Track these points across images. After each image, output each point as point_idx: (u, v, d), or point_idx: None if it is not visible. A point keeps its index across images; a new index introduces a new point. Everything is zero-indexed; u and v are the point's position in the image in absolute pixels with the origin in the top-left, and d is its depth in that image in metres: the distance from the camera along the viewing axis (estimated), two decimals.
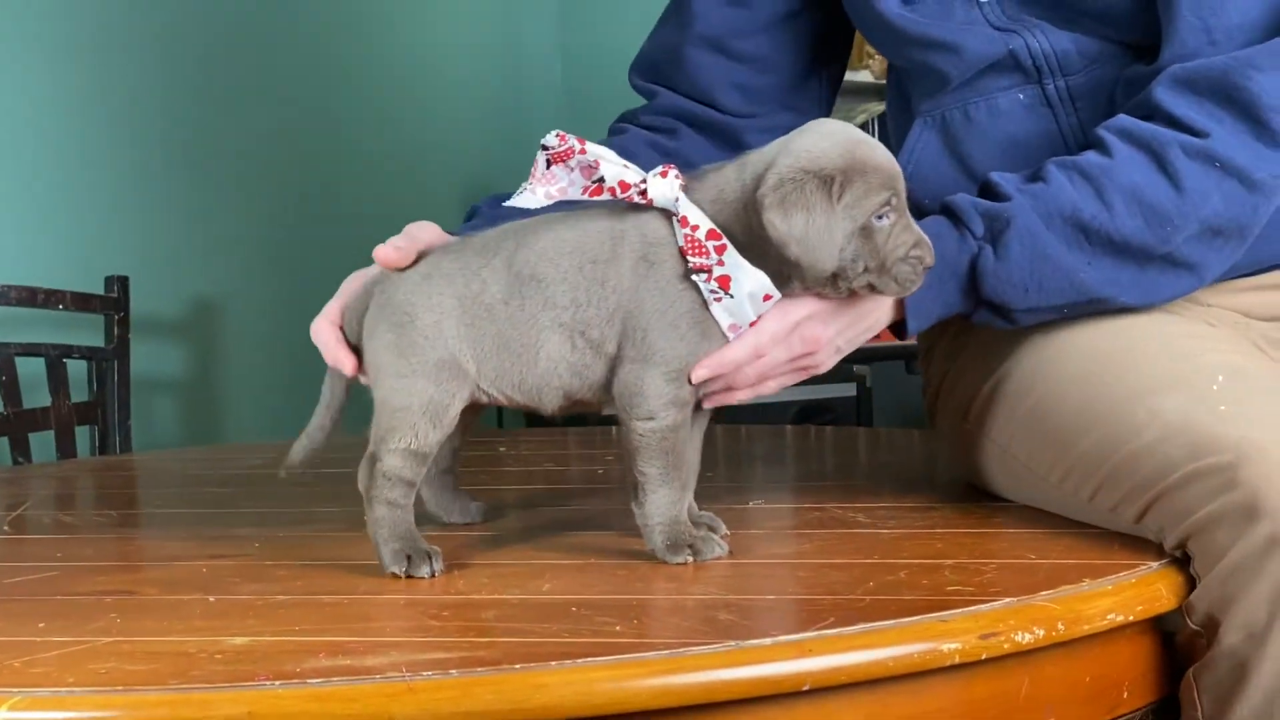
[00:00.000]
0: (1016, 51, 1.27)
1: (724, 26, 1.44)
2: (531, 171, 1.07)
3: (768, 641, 0.86)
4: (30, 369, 2.25)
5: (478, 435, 2.10)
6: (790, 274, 1.06)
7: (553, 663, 0.83)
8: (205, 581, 1.08)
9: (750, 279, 1.05)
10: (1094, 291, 1.17)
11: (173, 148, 2.67)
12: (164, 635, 0.93)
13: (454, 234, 1.19)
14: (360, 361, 1.14)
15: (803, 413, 2.89)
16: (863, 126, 2.93)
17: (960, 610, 0.91)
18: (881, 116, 2.94)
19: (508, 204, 1.09)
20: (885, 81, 1.54)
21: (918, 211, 1.13)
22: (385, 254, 1.12)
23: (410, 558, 1.07)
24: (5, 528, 1.39)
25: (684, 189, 1.07)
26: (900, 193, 1.06)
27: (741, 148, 1.21)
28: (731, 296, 1.05)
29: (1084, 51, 1.26)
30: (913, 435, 1.83)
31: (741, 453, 1.74)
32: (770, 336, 1.08)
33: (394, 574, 1.07)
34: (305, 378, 2.81)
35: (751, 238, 1.05)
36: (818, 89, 1.47)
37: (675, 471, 1.08)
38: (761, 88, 1.44)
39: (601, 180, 1.07)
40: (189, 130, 2.69)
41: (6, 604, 1.04)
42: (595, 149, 1.07)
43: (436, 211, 1.33)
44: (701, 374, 1.07)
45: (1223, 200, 1.15)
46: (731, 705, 0.84)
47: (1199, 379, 1.11)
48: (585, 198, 1.08)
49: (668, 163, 1.10)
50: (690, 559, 1.07)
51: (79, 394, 2.30)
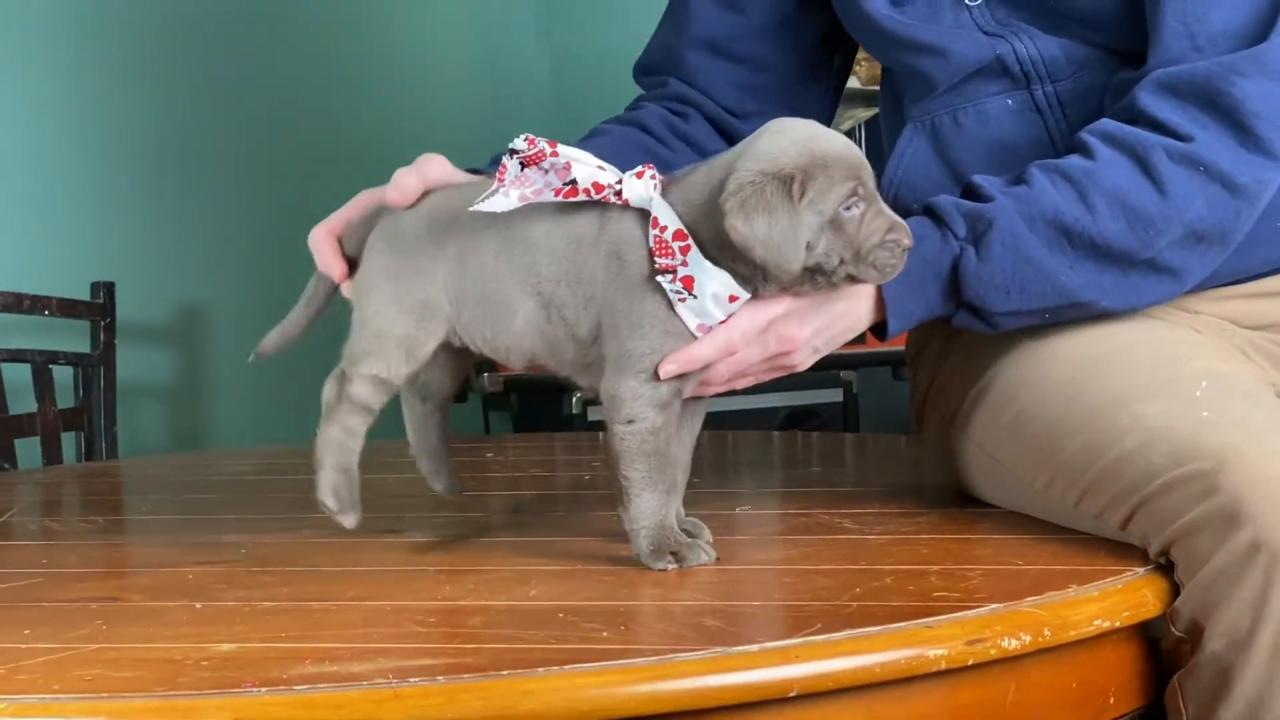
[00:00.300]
0: (1004, 57, 1.27)
1: (720, 30, 1.44)
2: (498, 174, 1.07)
3: (754, 648, 0.86)
4: (16, 375, 2.24)
5: (465, 441, 2.09)
6: (764, 275, 1.06)
7: (540, 669, 0.83)
8: (191, 588, 1.08)
9: (713, 280, 1.05)
10: (1076, 295, 1.16)
11: (159, 153, 2.66)
12: (150, 642, 0.93)
13: (472, 171, 1.21)
14: (350, 275, 1.18)
15: (789, 418, 2.89)
16: (848, 133, 2.93)
17: (946, 616, 0.91)
18: (868, 122, 2.94)
19: (472, 209, 1.09)
20: (871, 88, 1.54)
21: (905, 215, 1.13)
22: (393, 196, 1.15)
23: (342, 502, 1.14)
24: None
25: (663, 189, 1.08)
26: (866, 181, 1.05)
27: None
28: (695, 297, 1.05)
29: (1071, 57, 1.26)
30: (899, 441, 1.83)
31: (728, 459, 1.74)
32: (741, 334, 1.08)
33: (322, 504, 1.14)
34: (292, 384, 2.81)
35: (721, 240, 1.05)
36: (820, 87, 1.47)
37: (660, 475, 1.08)
38: (760, 87, 1.44)
39: (574, 182, 1.07)
40: (175, 136, 2.68)
41: None
42: (567, 151, 1.07)
43: None
44: (670, 369, 1.06)
45: (1206, 205, 1.15)
46: (718, 711, 0.84)
47: (1182, 385, 1.11)
48: (559, 199, 1.08)
49: (662, 156, 1.10)
50: (673, 565, 1.07)
51: (65, 400, 2.29)
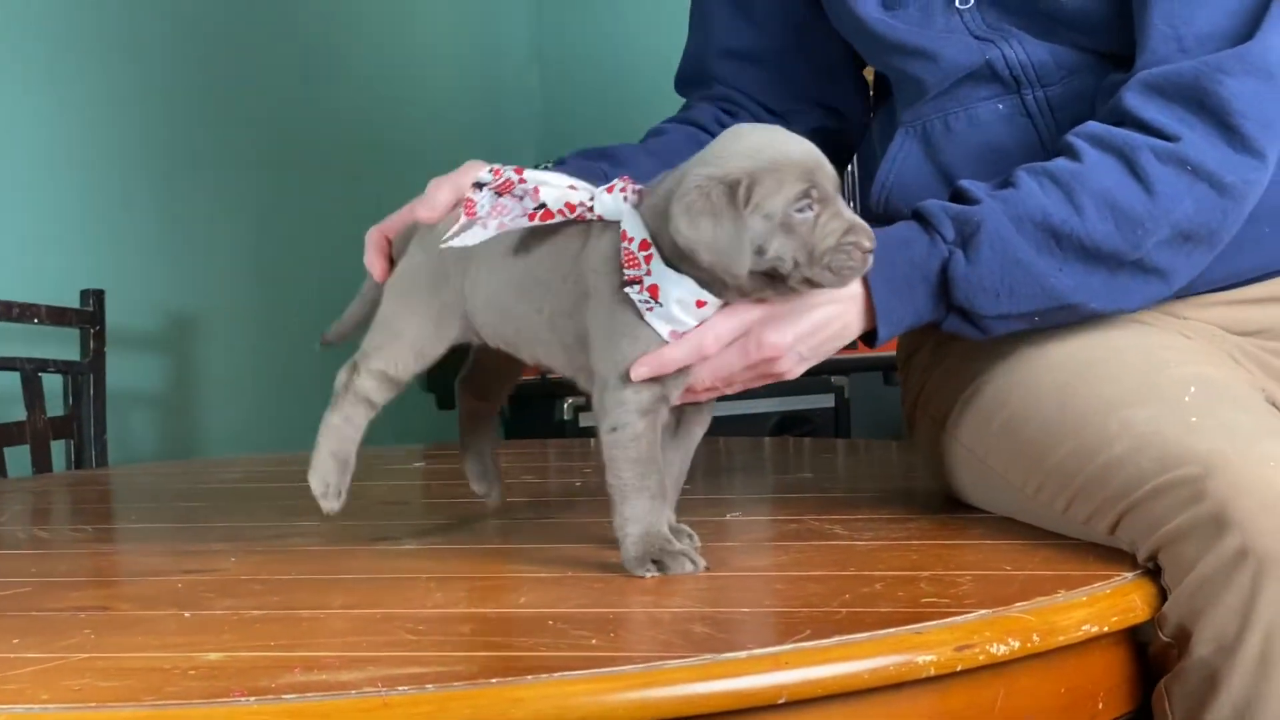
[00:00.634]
0: (993, 62, 1.27)
1: (739, 39, 1.45)
2: (465, 207, 1.10)
3: (744, 655, 0.86)
4: (5, 383, 2.24)
5: (456, 448, 2.09)
6: (723, 281, 1.06)
7: (529, 677, 0.83)
8: (180, 597, 1.08)
9: (676, 286, 1.05)
10: (1065, 297, 1.16)
11: (148, 161, 2.66)
12: (138, 651, 0.93)
13: (558, 164, 1.25)
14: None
15: (781, 424, 2.89)
16: None
17: (936, 622, 0.91)
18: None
19: (443, 245, 1.12)
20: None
21: (896, 220, 1.13)
22: (422, 214, 1.19)
23: (329, 487, 1.18)
24: None
25: (639, 199, 1.08)
26: (821, 183, 1.05)
27: None
28: (661, 305, 1.06)
29: (1061, 62, 1.26)
30: (890, 447, 1.83)
31: (720, 464, 1.74)
32: (714, 337, 1.08)
33: (312, 488, 1.18)
34: (283, 391, 2.81)
35: (680, 247, 1.05)
36: (848, 81, 1.46)
37: (647, 481, 1.07)
38: (789, 88, 1.45)
39: (544, 205, 1.08)
40: (164, 143, 2.68)
41: None
42: (534, 175, 1.09)
43: None
44: (640, 371, 1.06)
45: (1194, 204, 1.15)
46: (708, 718, 0.84)
47: (1171, 391, 1.11)
48: (533, 223, 1.10)
49: (624, 174, 1.11)
50: (654, 573, 1.07)
51: (54, 408, 2.29)
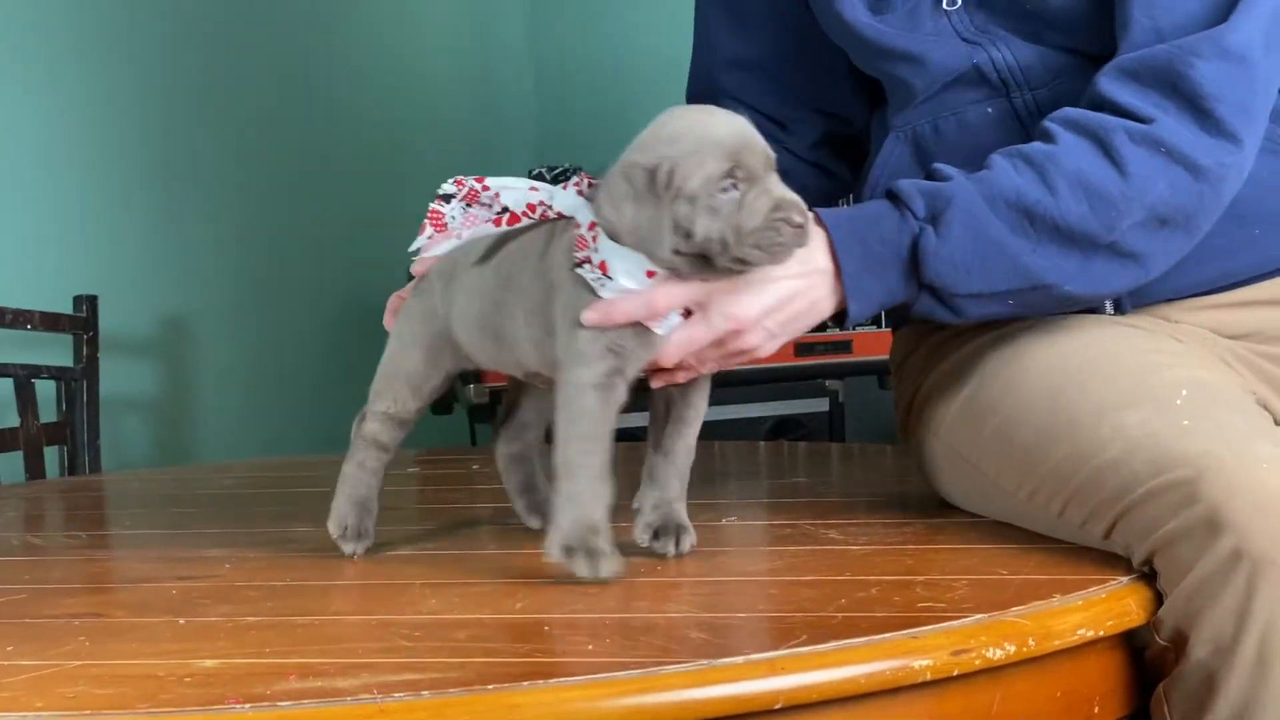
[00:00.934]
0: (981, 65, 1.28)
1: (739, 51, 1.48)
2: (430, 219, 1.14)
3: (740, 660, 0.86)
4: None
5: (451, 453, 2.09)
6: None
7: (525, 683, 0.83)
8: (175, 603, 1.08)
9: (622, 259, 1.07)
10: (1039, 278, 1.15)
11: (140, 166, 2.66)
12: (133, 658, 0.93)
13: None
14: None
15: (775, 428, 2.89)
16: None
17: (932, 627, 0.91)
18: None
19: (414, 251, 1.16)
20: None
21: None
22: (416, 271, 1.22)
23: (346, 530, 1.20)
24: None
25: (592, 192, 1.10)
26: (747, 162, 1.04)
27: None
28: (611, 279, 1.07)
29: (1049, 65, 1.26)
30: (885, 451, 1.84)
31: (715, 468, 1.74)
32: (666, 294, 1.08)
33: (330, 532, 1.20)
34: (276, 397, 2.81)
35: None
36: (848, 84, 1.46)
37: (591, 459, 1.06)
38: (792, 95, 1.47)
39: (508, 209, 1.12)
40: (156, 149, 2.68)
41: None
42: (496, 182, 1.14)
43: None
44: (591, 317, 1.07)
45: (1169, 186, 1.15)
46: None
47: (1163, 394, 1.11)
48: (499, 228, 1.14)
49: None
50: (558, 560, 1.05)
51: (47, 414, 2.29)
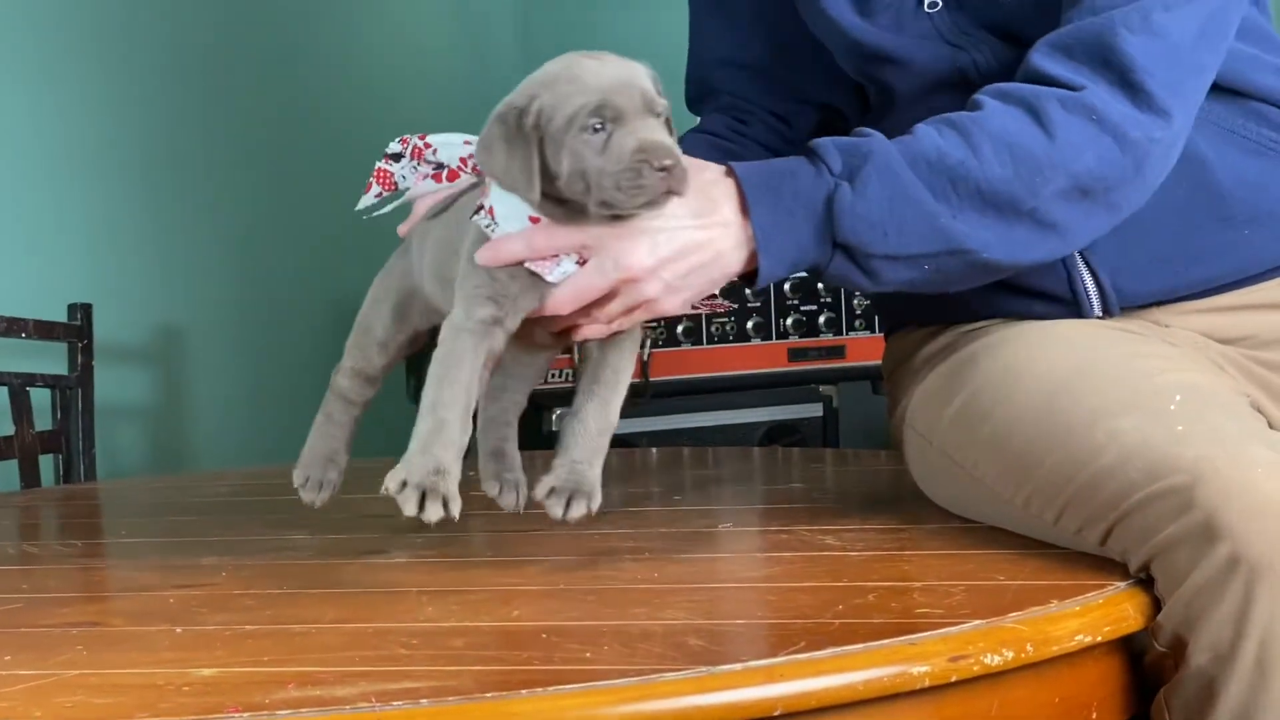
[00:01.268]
0: (964, 68, 1.28)
1: (731, 50, 1.49)
2: (377, 178, 1.19)
3: (738, 667, 0.86)
4: None
5: None
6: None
7: (523, 691, 0.83)
8: (172, 612, 1.08)
9: (507, 204, 1.09)
10: (957, 242, 1.14)
11: (135, 174, 2.65)
12: (131, 667, 0.92)
13: None
14: None
15: (769, 433, 2.89)
16: None
17: (929, 633, 0.91)
18: None
19: (359, 209, 1.22)
20: None
21: None
22: (401, 231, 1.27)
23: (307, 480, 1.26)
24: None
25: None
26: (616, 103, 1.04)
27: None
28: (498, 224, 1.10)
29: None
30: (879, 456, 1.83)
31: (709, 475, 1.74)
32: (546, 234, 1.10)
33: (294, 480, 1.26)
34: (271, 404, 2.80)
35: None
36: (847, 83, 1.44)
37: (451, 404, 1.07)
38: (787, 91, 1.48)
39: (443, 165, 1.18)
40: (151, 156, 2.67)
41: None
42: (437, 138, 1.19)
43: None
44: (484, 256, 1.10)
45: (1096, 157, 1.14)
46: None
47: (1157, 399, 1.11)
48: (439, 184, 1.19)
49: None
50: (391, 494, 1.05)
51: (43, 422, 2.28)
